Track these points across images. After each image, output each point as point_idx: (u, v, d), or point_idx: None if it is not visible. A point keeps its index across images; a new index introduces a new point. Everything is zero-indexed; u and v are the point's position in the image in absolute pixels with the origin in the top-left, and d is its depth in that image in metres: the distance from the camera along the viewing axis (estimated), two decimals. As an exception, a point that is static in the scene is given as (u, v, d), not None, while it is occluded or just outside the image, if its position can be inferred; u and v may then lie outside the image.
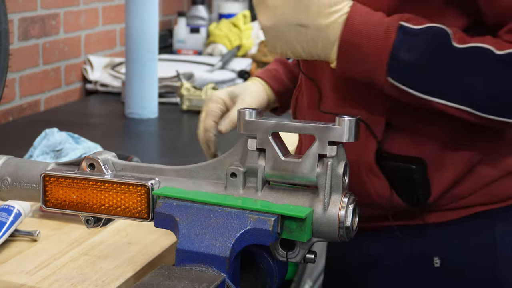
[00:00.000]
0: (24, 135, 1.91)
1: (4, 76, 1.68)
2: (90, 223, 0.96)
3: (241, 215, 0.86)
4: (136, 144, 2.03)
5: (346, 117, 0.87)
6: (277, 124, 0.90)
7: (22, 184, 0.99)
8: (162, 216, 0.90)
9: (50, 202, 0.97)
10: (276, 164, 0.89)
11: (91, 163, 0.95)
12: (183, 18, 3.13)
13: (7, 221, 1.22)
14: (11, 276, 1.12)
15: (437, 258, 1.16)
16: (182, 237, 0.87)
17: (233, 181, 0.91)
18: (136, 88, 2.20)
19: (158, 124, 2.19)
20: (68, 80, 2.53)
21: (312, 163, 0.88)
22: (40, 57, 2.34)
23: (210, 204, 0.89)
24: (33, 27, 2.29)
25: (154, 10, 2.18)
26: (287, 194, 0.90)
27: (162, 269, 0.84)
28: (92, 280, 1.11)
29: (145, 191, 0.93)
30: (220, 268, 0.85)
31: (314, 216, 0.87)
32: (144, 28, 2.17)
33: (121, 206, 0.94)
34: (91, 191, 0.95)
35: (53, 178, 0.96)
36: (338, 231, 0.87)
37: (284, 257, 0.90)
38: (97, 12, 2.68)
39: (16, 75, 2.23)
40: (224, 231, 0.86)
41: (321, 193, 0.88)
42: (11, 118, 2.22)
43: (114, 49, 2.82)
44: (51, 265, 1.16)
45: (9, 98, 2.20)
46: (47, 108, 2.39)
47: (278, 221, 0.86)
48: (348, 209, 0.88)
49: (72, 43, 2.53)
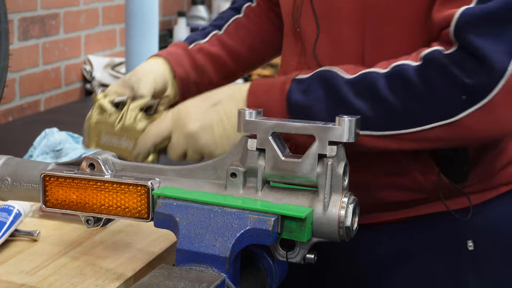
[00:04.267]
0: (24, 135, 1.91)
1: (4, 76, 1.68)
2: (90, 223, 0.96)
3: (241, 215, 0.86)
4: (136, 144, 2.03)
5: (346, 117, 0.87)
6: (277, 124, 0.90)
7: (22, 184, 0.99)
8: (162, 216, 0.90)
9: (50, 202, 0.97)
10: (276, 164, 0.90)
11: (91, 163, 0.95)
12: (183, 18, 3.13)
13: (7, 221, 1.22)
14: (11, 276, 1.12)
15: (470, 241, 1.17)
16: (182, 237, 0.87)
17: (233, 181, 0.91)
18: (136, 88, 2.20)
19: (158, 124, 2.19)
20: (68, 80, 2.53)
21: (312, 163, 0.88)
22: (40, 57, 2.34)
23: (210, 204, 0.89)
24: (33, 27, 2.29)
25: (154, 10, 2.18)
26: (287, 194, 0.90)
27: (162, 269, 0.84)
28: (92, 280, 1.11)
29: (145, 191, 0.93)
30: (220, 268, 0.85)
31: (314, 216, 0.87)
32: (144, 28, 2.17)
33: (121, 206, 0.94)
34: (91, 191, 0.95)
35: (53, 178, 0.96)
36: (338, 231, 0.87)
37: (284, 257, 0.90)
38: (97, 12, 2.68)
39: (16, 75, 2.23)
40: (224, 231, 0.86)
41: (321, 193, 0.88)
42: (11, 118, 2.22)
43: (114, 49, 2.82)
44: (51, 265, 1.16)
45: (9, 98, 2.20)
46: (47, 108, 2.39)
47: (278, 221, 0.86)
48: (348, 209, 0.88)
49: (72, 43, 2.53)
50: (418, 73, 0.99)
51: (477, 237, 1.17)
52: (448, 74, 0.97)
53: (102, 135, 1.15)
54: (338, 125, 0.87)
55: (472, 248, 1.17)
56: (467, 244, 1.17)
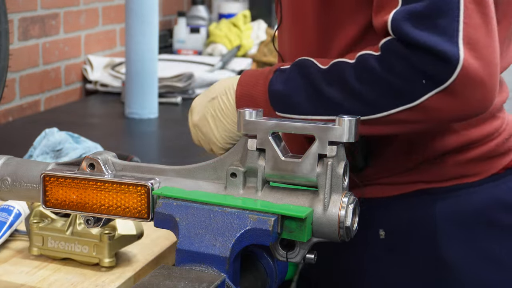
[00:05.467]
0: (24, 135, 1.91)
1: (4, 76, 1.68)
2: (90, 223, 0.96)
3: (241, 215, 0.86)
4: (136, 144, 2.03)
5: (346, 117, 0.87)
6: (277, 124, 0.90)
7: (22, 184, 0.99)
8: (162, 216, 0.90)
9: (50, 202, 0.97)
10: (276, 164, 0.89)
11: (91, 163, 0.95)
12: (183, 18, 3.13)
13: (7, 221, 1.22)
14: (11, 276, 1.12)
15: (382, 230, 1.25)
16: (182, 237, 0.87)
17: (233, 181, 0.91)
18: (136, 88, 2.20)
19: (158, 124, 2.19)
20: (68, 80, 2.53)
21: (312, 163, 0.88)
22: (40, 57, 2.34)
23: (210, 204, 0.89)
24: (33, 27, 2.29)
25: (154, 10, 2.18)
26: (287, 194, 0.90)
27: (162, 269, 0.84)
28: (92, 280, 1.12)
29: (145, 191, 0.93)
30: (220, 268, 0.85)
31: (314, 216, 0.87)
32: (144, 28, 2.17)
33: (121, 206, 0.94)
34: (91, 191, 0.95)
35: (53, 178, 0.96)
36: (338, 231, 0.87)
37: (284, 257, 0.90)
38: (97, 12, 2.68)
39: (16, 75, 2.23)
40: (224, 231, 0.86)
41: (321, 193, 0.88)
42: (11, 118, 2.22)
43: (114, 49, 2.82)
44: (51, 265, 1.16)
45: (9, 98, 2.20)
46: (47, 108, 2.39)
47: (278, 221, 0.86)
48: (348, 209, 0.88)
49: (72, 43, 2.53)
50: (380, 61, 1.05)
51: (388, 229, 1.25)
52: (407, 60, 1.03)
53: (49, 241, 1.18)
54: (338, 125, 0.87)
55: (383, 237, 1.25)
56: (379, 233, 1.25)
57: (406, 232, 1.24)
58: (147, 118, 2.20)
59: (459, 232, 1.23)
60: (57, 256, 1.16)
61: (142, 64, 2.18)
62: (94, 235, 1.15)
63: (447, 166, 1.22)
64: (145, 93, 2.20)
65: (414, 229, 1.24)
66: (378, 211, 1.25)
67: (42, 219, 1.19)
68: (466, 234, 1.23)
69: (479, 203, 1.23)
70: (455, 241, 1.23)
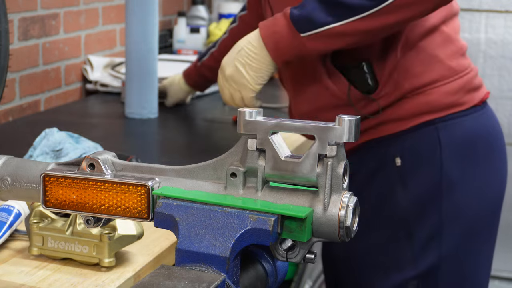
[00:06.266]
0: (24, 135, 1.91)
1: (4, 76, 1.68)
2: (90, 223, 0.96)
3: (241, 215, 0.86)
4: (136, 144, 2.03)
5: (346, 117, 0.87)
6: (277, 124, 0.90)
7: (22, 184, 0.99)
8: (162, 216, 0.90)
9: (50, 202, 0.96)
10: (276, 164, 0.89)
11: (91, 163, 0.95)
12: (183, 18, 3.13)
13: (7, 221, 1.22)
14: (11, 276, 1.12)
15: (398, 158, 1.55)
16: (182, 237, 0.87)
17: (233, 181, 0.91)
18: (136, 88, 2.20)
19: (158, 124, 2.19)
20: (68, 80, 2.53)
21: (312, 163, 0.88)
22: (40, 57, 2.34)
23: (210, 204, 0.89)
24: (33, 27, 2.29)
25: (154, 10, 2.18)
26: (287, 194, 0.90)
27: (162, 269, 0.84)
28: (92, 280, 1.12)
29: (145, 191, 0.93)
30: (220, 268, 0.85)
31: (314, 216, 0.87)
32: (144, 28, 2.17)
33: (121, 206, 0.94)
34: (91, 191, 0.95)
35: (53, 178, 0.96)
36: (338, 231, 0.87)
37: (284, 257, 0.90)
38: (97, 12, 2.68)
39: (16, 75, 2.23)
40: (224, 231, 0.86)
41: (321, 193, 0.88)
42: (11, 118, 2.22)
43: (114, 49, 2.82)
44: (51, 265, 1.16)
45: (9, 98, 2.20)
46: (47, 108, 2.39)
47: (278, 221, 0.86)
48: (348, 209, 0.88)
49: (72, 43, 2.53)
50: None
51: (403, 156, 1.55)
52: None
53: (48, 241, 1.18)
54: (338, 125, 0.87)
55: (400, 164, 1.55)
56: (395, 161, 1.55)
57: (418, 158, 1.53)
58: (147, 118, 2.20)
59: (459, 154, 1.54)
60: (57, 256, 1.17)
61: (142, 64, 2.18)
62: (94, 235, 1.15)
63: (440, 94, 1.52)
64: (145, 93, 2.20)
65: (424, 155, 1.53)
66: (395, 143, 1.54)
67: (42, 219, 1.19)
68: (464, 155, 1.55)
69: (470, 129, 1.55)
70: (457, 162, 1.53)
